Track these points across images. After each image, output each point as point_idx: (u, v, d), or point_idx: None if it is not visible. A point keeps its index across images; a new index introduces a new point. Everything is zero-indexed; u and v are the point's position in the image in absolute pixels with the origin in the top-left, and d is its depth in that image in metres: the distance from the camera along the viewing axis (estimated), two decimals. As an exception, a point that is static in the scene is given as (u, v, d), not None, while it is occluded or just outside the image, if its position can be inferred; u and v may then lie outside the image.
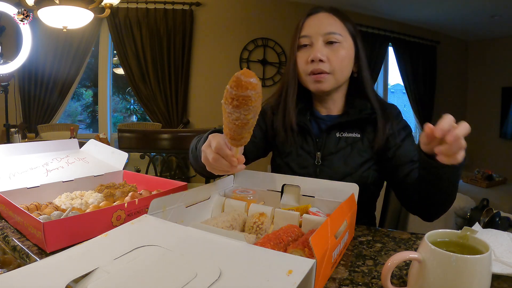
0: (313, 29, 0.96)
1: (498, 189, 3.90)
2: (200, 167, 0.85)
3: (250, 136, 0.60)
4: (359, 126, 0.99)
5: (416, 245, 0.68)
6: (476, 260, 0.44)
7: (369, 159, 0.98)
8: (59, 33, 3.31)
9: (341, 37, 0.95)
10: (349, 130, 1.00)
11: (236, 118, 0.55)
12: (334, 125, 0.99)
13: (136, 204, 0.75)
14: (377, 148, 0.97)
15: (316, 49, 0.94)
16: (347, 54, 0.96)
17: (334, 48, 0.94)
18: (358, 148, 0.98)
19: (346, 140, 0.99)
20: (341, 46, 0.95)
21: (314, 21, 0.97)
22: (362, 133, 0.99)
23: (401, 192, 0.99)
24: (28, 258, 0.62)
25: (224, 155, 0.63)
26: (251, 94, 0.52)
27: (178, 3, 4.06)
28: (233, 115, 0.54)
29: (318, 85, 0.96)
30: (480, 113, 5.51)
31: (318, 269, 0.44)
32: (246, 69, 0.53)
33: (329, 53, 0.94)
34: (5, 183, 0.82)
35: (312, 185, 0.76)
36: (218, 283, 0.37)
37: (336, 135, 0.99)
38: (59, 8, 2.35)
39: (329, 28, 0.94)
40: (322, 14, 0.97)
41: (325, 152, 0.98)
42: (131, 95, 5.06)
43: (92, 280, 0.39)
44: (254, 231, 0.66)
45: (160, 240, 0.47)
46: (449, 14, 4.42)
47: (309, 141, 1.00)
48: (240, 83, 0.52)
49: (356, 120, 0.98)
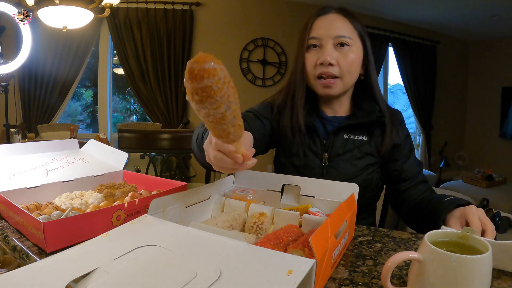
0: (323, 30, 0.94)
1: (498, 189, 3.90)
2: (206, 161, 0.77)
3: (240, 128, 0.52)
4: (366, 129, 0.99)
5: (416, 245, 0.68)
6: (476, 260, 0.44)
7: (375, 162, 0.99)
8: (59, 33, 3.31)
9: (351, 40, 0.93)
10: (357, 132, 0.99)
11: (206, 114, 0.46)
12: (343, 126, 0.98)
13: (136, 204, 0.75)
14: (383, 153, 0.98)
15: (326, 52, 0.92)
16: (356, 58, 0.95)
17: (344, 51, 0.93)
18: (364, 151, 0.98)
19: (353, 142, 0.98)
20: (350, 49, 0.93)
21: (324, 22, 0.95)
22: (369, 136, 0.99)
23: (395, 200, 1.04)
24: (28, 258, 0.62)
25: (226, 152, 0.56)
26: (211, 83, 0.42)
27: (178, 3, 4.06)
28: (201, 112, 0.46)
29: (327, 90, 0.95)
30: (480, 113, 5.52)
31: (318, 269, 0.44)
32: (200, 53, 0.43)
33: (338, 57, 0.93)
34: (5, 183, 0.82)
35: (312, 185, 0.76)
36: (218, 283, 0.37)
37: (344, 136, 0.99)
38: (59, 8, 2.35)
39: (339, 31, 0.93)
40: (332, 15, 0.96)
41: (332, 153, 0.98)
42: (131, 95, 5.06)
43: (92, 280, 0.39)
44: (254, 231, 0.66)
45: (160, 240, 0.47)
46: (449, 14, 4.42)
47: (317, 142, 0.99)
48: (192, 73, 0.42)
49: (364, 123, 0.98)
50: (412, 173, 1.00)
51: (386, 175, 1.02)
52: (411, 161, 1.01)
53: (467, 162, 5.39)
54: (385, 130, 0.98)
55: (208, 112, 0.46)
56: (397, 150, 1.00)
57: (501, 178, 4.09)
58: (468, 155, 5.44)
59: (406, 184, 1.00)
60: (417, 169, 1.02)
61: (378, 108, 0.99)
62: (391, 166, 1.01)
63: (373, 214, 1.08)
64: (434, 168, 5.25)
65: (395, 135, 0.98)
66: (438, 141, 5.31)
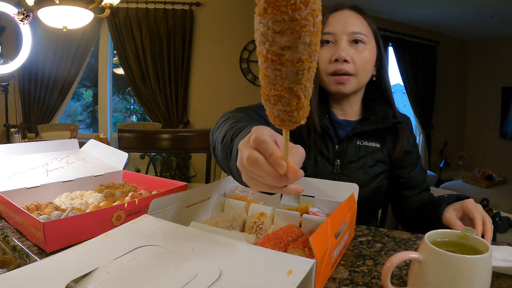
0: (339, 26, 0.91)
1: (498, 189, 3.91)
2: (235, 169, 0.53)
3: (307, 112, 0.36)
4: (379, 135, 0.96)
5: (416, 245, 0.68)
6: (476, 260, 0.44)
7: (386, 169, 0.97)
8: (59, 33, 3.31)
9: (366, 38, 0.91)
10: (370, 139, 0.96)
11: (270, 40, 0.31)
12: (357, 133, 0.95)
13: (136, 204, 0.75)
14: (394, 160, 0.96)
15: (341, 48, 0.89)
16: (370, 56, 0.92)
17: (359, 48, 0.90)
18: (377, 158, 0.95)
19: (366, 149, 0.95)
20: (365, 47, 0.91)
21: (340, 18, 0.92)
22: (382, 143, 0.96)
23: (397, 204, 1.05)
24: (28, 258, 0.62)
25: (267, 154, 0.38)
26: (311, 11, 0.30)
27: (178, 3, 4.05)
28: (266, 37, 0.31)
29: (340, 87, 0.91)
30: (480, 113, 5.52)
31: (318, 269, 0.44)
32: None
33: (354, 53, 0.89)
34: (5, 183, 0.82)
35: (312, 185, 0.76)
36: (218, 283, 0.37)
37: (357, 143, 0.95)
38: (59, 8, 2.35)
39: (355, 27, 0.90)
40: (347, 12, 0.93)
41: (345, 160, 0.94)
42: (131, 95, 5.06)
43: (92, 280, 0.39)
44: (254, 231, 0.66)
45: (160, 240, 0.47)
46: (449, 14, 4.42)
47: (329, 146, 0.95)
48: None
49: (379, 129, 0.94)
50: (418, 181, 0.99)
51: (392, 181, 1.01)
52: (418, 169, 1.00)
53: (467, 162, 5.39)
54: (398, 136, 0.95)
55: (274, 39, 0.30)
56: (407, 157, 0.98)
57: (501, 178, 4.09)
58: (468, 155, 5.44)
59: (410, 191, 1.00)
60: (423, 177, 1.01)
61: (392, 113, 0.95)
62: (399, 173, 0.99)
63: (376, 217, 1.09)
64: (434, 168, 5.25)
65: (406, 142, 0.96)
66: (438, 141, 5.31)
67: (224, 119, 0.74)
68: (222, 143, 0.63)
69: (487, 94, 5.35)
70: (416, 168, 1.00)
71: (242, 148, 0.43)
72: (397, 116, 0.95)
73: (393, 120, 0.94)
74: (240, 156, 0.43)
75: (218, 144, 0.66)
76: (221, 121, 0.74)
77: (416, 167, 1.00)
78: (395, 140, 0.96)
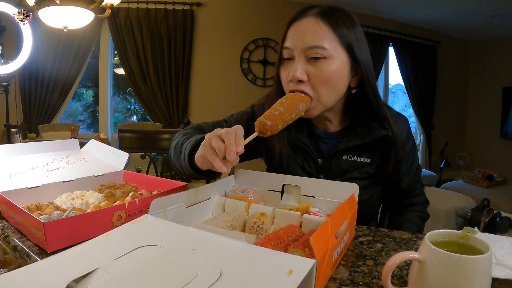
0: (294, 41, 0.80)
1: (498, 189, 3.90)
2: (181, 164, 0.81)
3: None
4: (369, 149, 0.88)
5: (416, 245, 0.68)
6: (476, 260, 0.44)
7: (375, 181, 0.92)
8: (60, 33, 3.31)
9: (327, 51, 0.78)
10: (359, 153, 0.88)
11: None
12: (341, 150, 0.88)
13: (137, 204, 0.75)
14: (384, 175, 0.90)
15: (294, 67, 0.79)
16: (335, 71, 0.79)
17: (318, 64, 0.78)
18: (366, 172, 0.89)
19: (353, 164, 0.88)
20: (326, 62, 0.78)
21: (297, 30, 0.81)
22: (371, 157, 0.89)
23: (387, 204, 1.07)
24: (28, 258, 0.62)
25: (229, 143, 0.60)
26: None
27: (179, 3, 4.06)
28: None
29: None
30: (480, 113, 5.52)
31: (318, 269, 0.44)
32: None
33: (312, 71, 0.78)
34: (6, 183, 0.82)
35: (312, 185, 0.76)
36: (218, 283, 0.37)
37: (343, 157, 0.89)
38: (59, 8, 2.35)
39: (311, 40, 0.78)
40: (307, 20, 0.80)
41: (329, 175, 0.89)
42: (131, 95, 5.06)
43: (93, 280, 0.39)
44: (255, 231, 0.66)
45: (161, 240, 0.47)
46: (449, 14, 4.42)
47: (310, 162, 0.90)
48: None
49: (368, 143, 0.86)
50: (410, 191, 0.98)
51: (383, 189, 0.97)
52: (412, 179, 0.95)
53: (467, 162, 5.38)
54: (390, 150, 0.86)
55: None
56: (399, 168, 0.91)
57: (501, 178, 4.09)
58: (468, 155, 5.44)
59: (401, 200, 1.01)
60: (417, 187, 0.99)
61: (380, 123, 0.86)
62: (390, 185, 0.95)
63: (375, 218, 1.05)
64: (435, 168, 5.24)
65: (399, 154, 0.88)
66: (439, 141, 5.30)
67: (179, 133, 0.92)
68: (175, 146, 0.85)
69: (487, 94, 5.35)
70: (410, 177, 0.95)
71: (208, 137, 0.64)
72: (387, 127, 0.85)
73: (382, 133, 0.85)
74: (209, 137, 0.64)
75: (172, 148, 0.89)
76: (176, 136, 0.92)
77: (410, 177, 0.95)
78: (386, 155, 0.87)
